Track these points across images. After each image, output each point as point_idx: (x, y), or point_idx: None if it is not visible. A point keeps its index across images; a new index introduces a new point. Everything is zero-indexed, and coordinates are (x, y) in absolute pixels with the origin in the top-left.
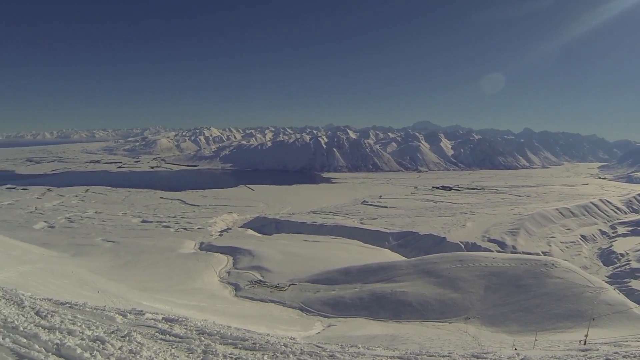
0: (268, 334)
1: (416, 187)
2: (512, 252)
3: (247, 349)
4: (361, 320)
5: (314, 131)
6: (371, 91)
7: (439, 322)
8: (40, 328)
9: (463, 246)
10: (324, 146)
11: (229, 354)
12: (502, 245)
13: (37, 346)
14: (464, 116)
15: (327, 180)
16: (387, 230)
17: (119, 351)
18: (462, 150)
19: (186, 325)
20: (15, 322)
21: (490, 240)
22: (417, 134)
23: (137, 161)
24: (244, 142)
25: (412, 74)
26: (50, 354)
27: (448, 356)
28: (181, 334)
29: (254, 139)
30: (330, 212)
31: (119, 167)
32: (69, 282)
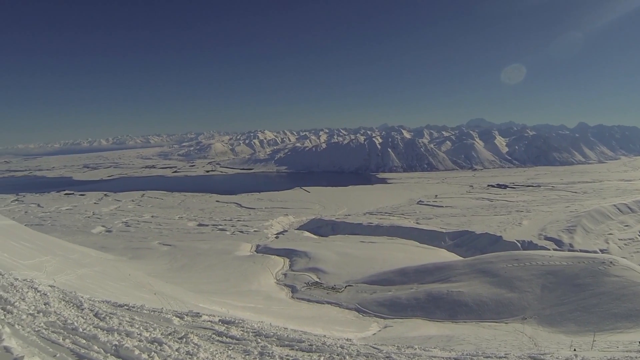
0: (324, 336)
1: (471, 186)
2: (569, 250)
3: (303, 351)
4: (417, 321)
5: (368, 132)
6: (424, 90)
7: (496, 322)
8: (99, 329)
9: (519, 245)
10: (379, 146)
11: (286, 355)
12: (558, 243)
13: (96, 347)
14: (517, 112)
15: (383, 181)
16: (443, 230)
17: (176, 353)
18: (516, 147)
19: (243, 327)
20: (75, 323)
21: (546, 239)
22: (471, 131)
23: (192, 165)
24: (298, 144)
25: (465, 71)
26: (108, 354)
27: (505, 357)
28: (238, 336)
29: (308, 141)
30: (386, 213)
31: (174, 171)
32: (126, 285)
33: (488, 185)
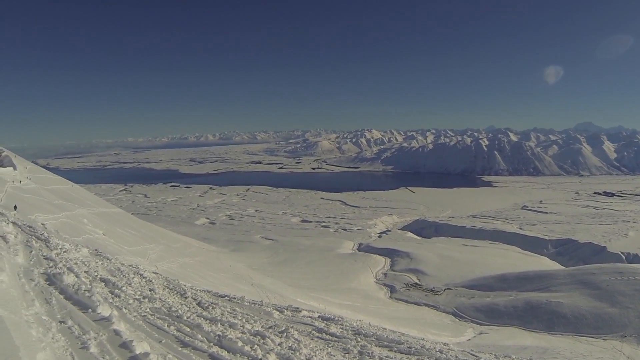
0: (423, 339)
1: (577, 193)
2: None
3: (402, 353)
4: (513, 330)
5: (475, 133)
6: (532, 92)
7: (593, 337)
8: (202, 319)
9: (624, 257)
10: (485, 149)
11: (385, 356)
12: None
13: (199, 336)
14: (628, 116)
15: (488, 184)
16: (546, 237)
17: (279, 347)
18: (625, 153)
19: (342, 325)
20: (179, 311)
21: None
22: (578, 136)
23: (298, 162)
24: (405, 144)
25: (573, 73)
26: (212, 344)
27: None
28: (337, 334)
29: (415, 141)
30: (489, 217)
31: (280, 167)
32: (226, 276)
33: (594, 193)
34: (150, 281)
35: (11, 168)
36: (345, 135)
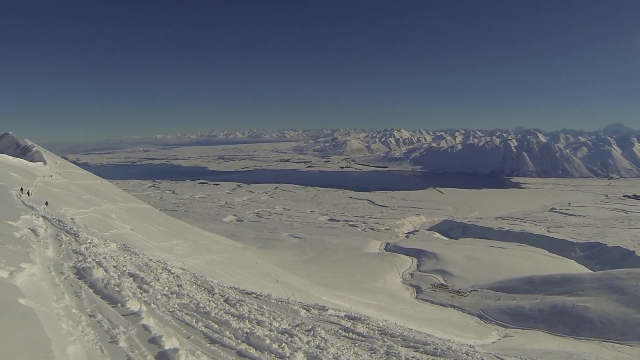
0: (449, 340)
1: (606, 195)
2: None
3: (428, 354)
4: (538, 334)
5: (504, 134)
6: (561, 93)
7: (619, 343)
8: (230, 316)
9: None
10: (514, 150)
11: (412, 357)
12: None
13: (227, 333)
14: None
15: (516, 185)
16: (574, 240)
17: (306, 345)
18: None
19: (368, 325)
20: (207, 307)
21: None
22: (608, 137)
23: (327, 161)
24: (434, 144)
25: (604, 74)
26: (240, 341)
27: None
28: (364, 333)
29: (444, 141)
30: (517, 219)
31: (309, 166)
32: (252, 273)
33: (624, 196)
34: (178, 277)
35: (41, 163)
36: (374, 135)
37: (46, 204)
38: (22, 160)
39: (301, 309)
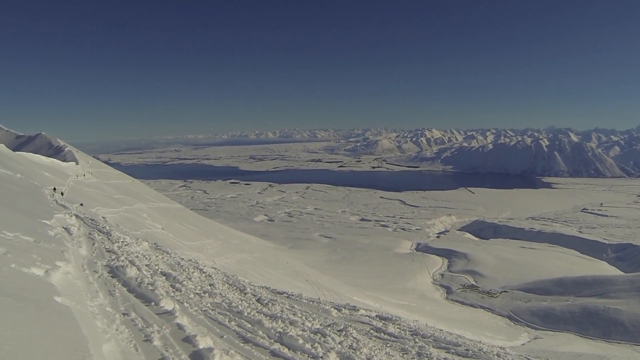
0: (480, 341)
1: (639, 196)
2: None
3: (459, 355)
4: (569, 336)
5: (535, 133)
6: (593, 91)
7: None
8: (262, 315)
9: None
10: (545, 149)
11: (443, 358)
12: None
13: (260, 332)
14: None
15: (547, 185)
16: (606, 241)
17: (339, 346)
18: None
19: (399, 325)
20: (240, 307)
21: None
22: None
23: (358, 161)
24: (465, 144)
25: (636, 72)
26: (273, 341)
27: None
28: (395, 334)
29: (475, 141)
30: (548, 219)
31: (340, 166)
32: (283, 273)
33: None
34: (210, 276)
35: (74, 163)
36: (405, 135)
37: (81, 204)
38: (55, 160)
39: (332, 309)
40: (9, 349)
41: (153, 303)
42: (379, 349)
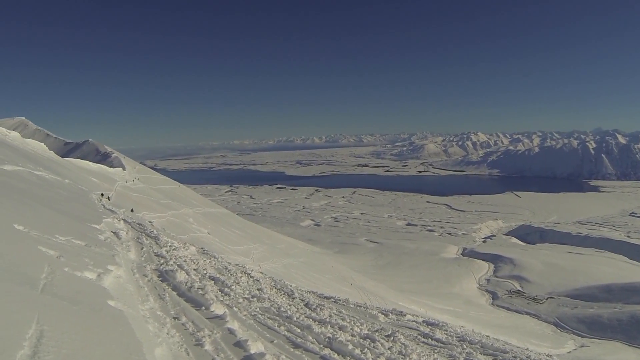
0: (527, 349)
1: None
2: None
3: None
4: (616, 345)
5: (582, 136)
6: None
7: None
8: (311, 320)
9: None
10: (592, 152)
11: None
12: None
13: (310, 337)
14: None
15: (595, 189)
16: None
17: (389, 351)
18: None
19: (446, 331)
20: (288, 312)
21: None
22: None
23: (405, 165)
24: (511, 147)
25: None
26: (322, 346)
27: None
28: (443, 339)
29: (521, 144)
30: (596, 223)
31: (386, 171)
32: (328, 277)
33: None
34: (258, 280)
35: (120, 168)
36: (451, 138)
37: (132, 210)
38: (102, 165)
39: (380, 314)
40: (66, 353)
41: (203, 307)
42: (427, 355)
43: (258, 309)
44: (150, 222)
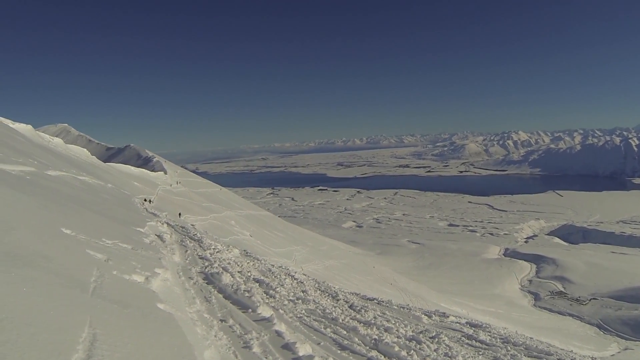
0: (572, 351)
1: None
2: None
3: None
4: None
5: (624, 132)
6: None
7: None
8: (357, 322)
9: None
10: (635, 149)
11: None
12: None
13: (356, 339)
14: None
15: (638, 187)
16: None
17: (435, 353)
18: None
19: (490, 332)
20: (334, 314)
21: None
22: None
23: (446, 166)
24: (552, 145)
25: None
26: (369, 348)
27: None
28: (487, 341)
29: (562, 142)
30: None
31: (428, 171)
32: (370, 278)
33: None
34: (302, 282)
35: (162, 172)
36: (492, 138)
37: (179, 215)
38: (143, 170)
39: (423, 315)
40: (119, 356)
41: (250, 310)
42: (472, 356)
43: (304, 311)
44: (192, 225)
